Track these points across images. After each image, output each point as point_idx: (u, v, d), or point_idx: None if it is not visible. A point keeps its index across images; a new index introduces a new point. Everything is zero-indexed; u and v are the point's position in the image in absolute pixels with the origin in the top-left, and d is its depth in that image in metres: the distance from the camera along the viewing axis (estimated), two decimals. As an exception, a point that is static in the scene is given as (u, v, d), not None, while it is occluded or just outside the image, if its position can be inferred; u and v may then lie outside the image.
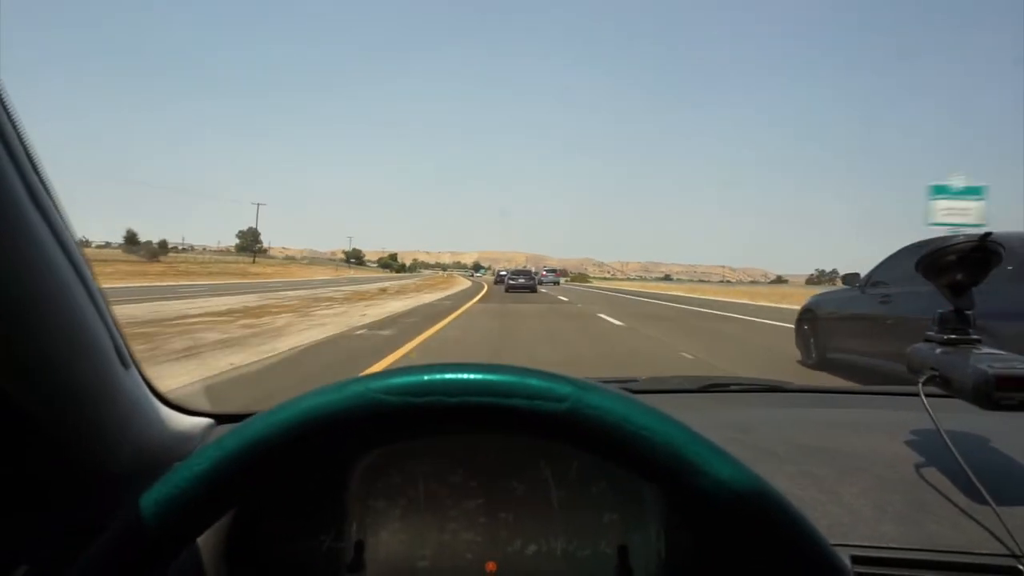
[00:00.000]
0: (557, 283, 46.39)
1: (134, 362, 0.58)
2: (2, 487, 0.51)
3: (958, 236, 0.61)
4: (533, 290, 27.87)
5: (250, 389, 4.34)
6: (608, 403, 0.33)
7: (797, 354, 6.35)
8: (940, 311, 0.65)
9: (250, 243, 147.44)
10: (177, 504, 0.33)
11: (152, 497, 0.33)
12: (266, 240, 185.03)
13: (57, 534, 0.54)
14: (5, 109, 0.41)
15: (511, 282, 28.43)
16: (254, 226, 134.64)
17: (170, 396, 0.67)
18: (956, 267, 0.61)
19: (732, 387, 1.15)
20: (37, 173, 0.44)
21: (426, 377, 0.33)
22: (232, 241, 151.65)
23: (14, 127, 0.42)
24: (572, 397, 0.32)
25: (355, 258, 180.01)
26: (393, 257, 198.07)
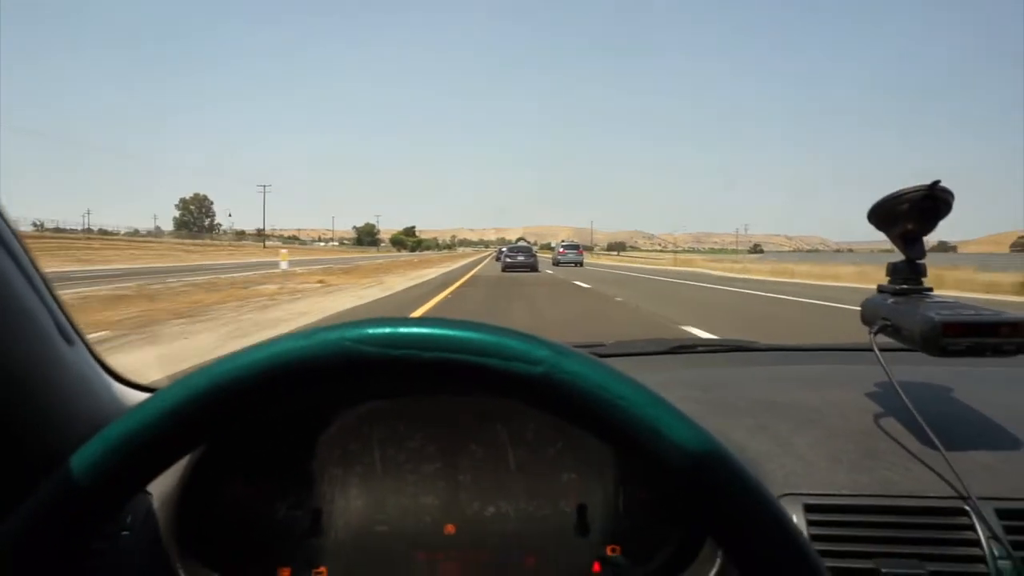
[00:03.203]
0: (580, 264, 31.02)
1: (81, 339, 0.58)
2: None
3: (909, 187, 0.61)
4: (534, 268, 24.23)
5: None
6: (585, 369, 0.32)
7: None
8: (892, 262, 0.65)
9: (195, 217, 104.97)
10: (141, 439, 0.33)
11: (115, 431, 0.33)
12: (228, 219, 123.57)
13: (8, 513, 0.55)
14: None
15: (508, 260, 25.21)
16: (202, 193, 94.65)
17: (122, 372, 0.67)
18: (907, 216, 0.61)
19: (698, 348, 1.15)
20: None
21: (402, 329, 0.32)
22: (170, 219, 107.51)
23: None
24: (548, 361, 0.32)
25: (368, 235, 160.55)
26: (409, 232, 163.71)
